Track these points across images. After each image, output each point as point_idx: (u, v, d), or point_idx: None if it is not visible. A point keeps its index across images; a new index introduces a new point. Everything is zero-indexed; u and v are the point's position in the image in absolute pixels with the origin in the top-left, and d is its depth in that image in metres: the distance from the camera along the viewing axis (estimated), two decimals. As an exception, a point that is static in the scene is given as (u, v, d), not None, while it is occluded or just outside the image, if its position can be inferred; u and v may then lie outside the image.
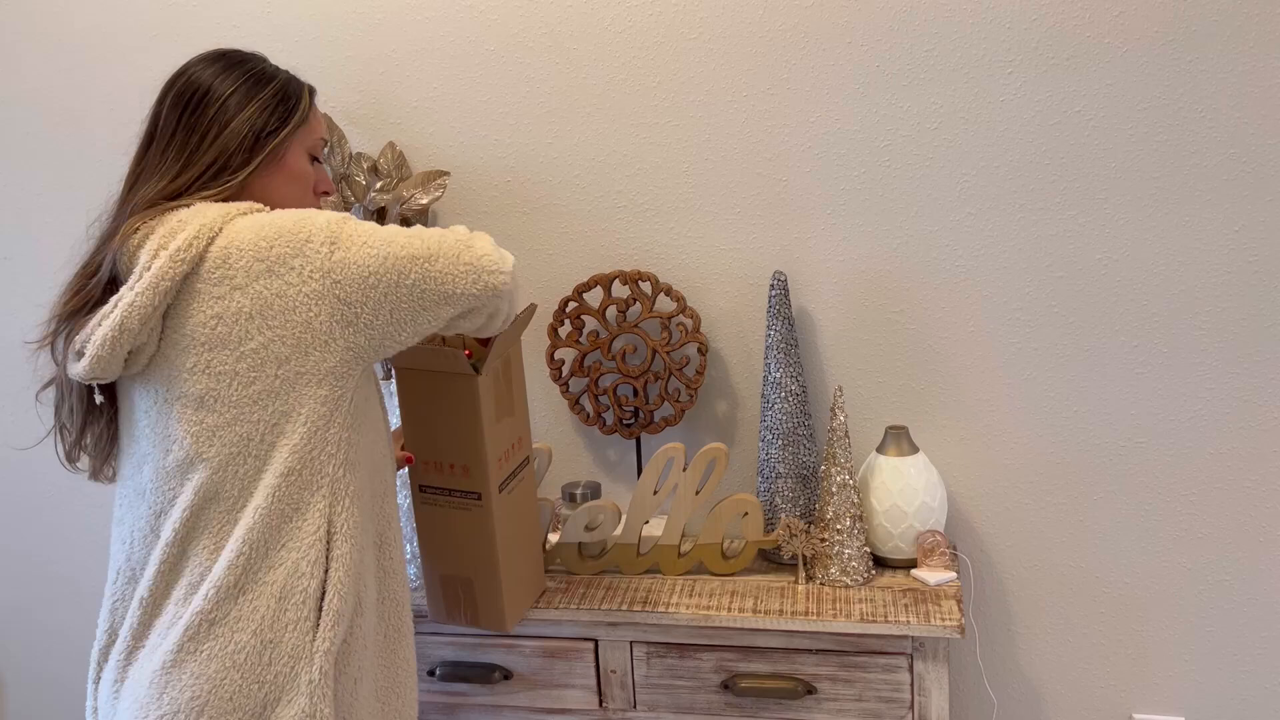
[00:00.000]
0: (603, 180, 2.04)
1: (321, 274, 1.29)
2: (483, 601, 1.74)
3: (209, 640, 1.30)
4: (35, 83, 2.21)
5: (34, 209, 2.26)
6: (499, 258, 1.37)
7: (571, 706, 1.88)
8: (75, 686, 2.52)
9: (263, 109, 1.42)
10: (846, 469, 1.85)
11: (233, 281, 1.29)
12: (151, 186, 1.37)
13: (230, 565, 1.30)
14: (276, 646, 1.30)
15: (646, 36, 1.97)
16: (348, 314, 1.31)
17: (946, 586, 1.84)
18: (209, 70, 1.43)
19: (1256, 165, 1.81)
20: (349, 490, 1.35)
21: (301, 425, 1.31)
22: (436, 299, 1.33)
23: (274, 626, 1.30)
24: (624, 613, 1.82)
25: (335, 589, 1.33)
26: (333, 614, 1.33)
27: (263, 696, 1.30)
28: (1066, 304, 1.92)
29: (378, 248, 1.31)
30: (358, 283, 1.30)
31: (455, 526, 1.70)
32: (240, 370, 1.30)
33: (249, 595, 1.30)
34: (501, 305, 1.40)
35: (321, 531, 1.33)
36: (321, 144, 1.53)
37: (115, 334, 1.28)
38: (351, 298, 1.30)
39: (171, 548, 1.33)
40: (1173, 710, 2.03)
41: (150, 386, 1.34)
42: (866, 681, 1.77)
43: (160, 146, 1.40)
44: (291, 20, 2.08)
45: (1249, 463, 1.91)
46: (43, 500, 2.40)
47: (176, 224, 1.32)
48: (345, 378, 1.33)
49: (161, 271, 1.28)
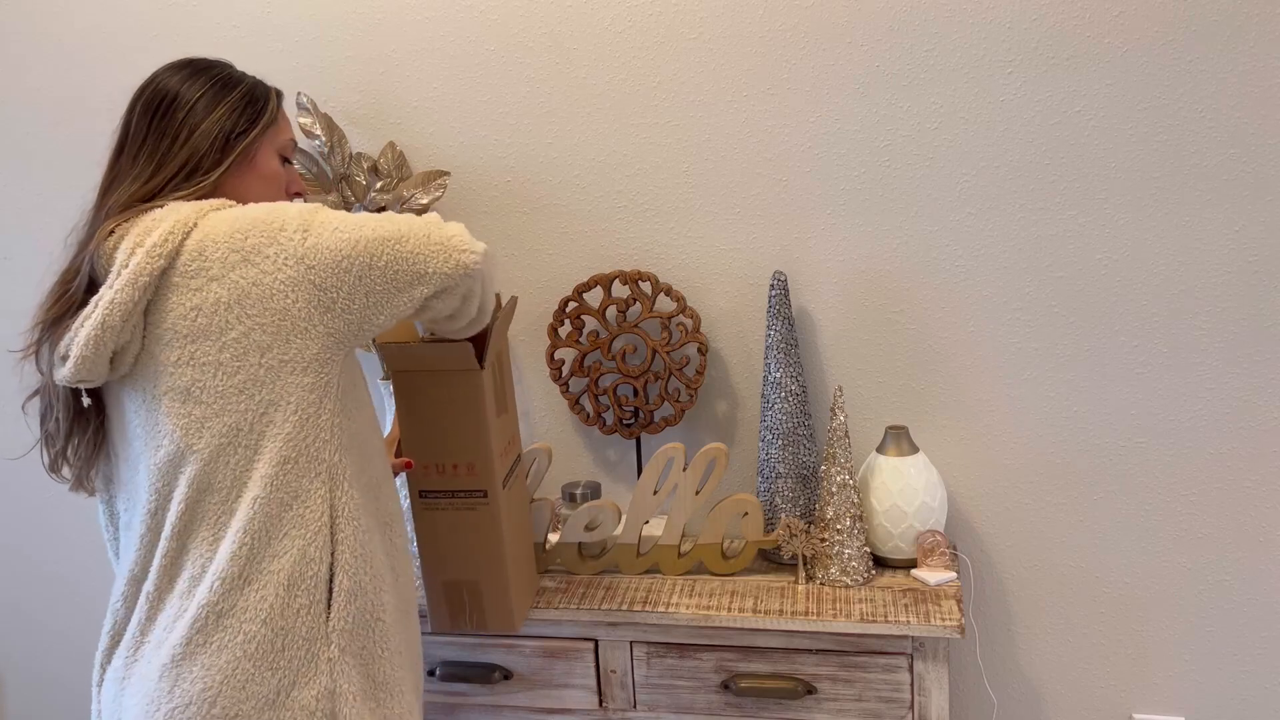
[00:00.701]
0: (603, 180, 2.04)
1: (295, 260, 1.31)
2: (489, 603, 1.74)
3: (218, 632, 1.30)
4: (35, 83, 2.21)
5: (34, 209, 2.26)
6: (469, 239, 1.39)
7: (571, 706, 1.88)
8: (75, 686, 2.52)
9: (231, 110, 1.44)
10: (846, 469, 1.85)
11: (209, 273, 1.31)
12: (125, 190, 1.39)
13: (233, 556, 1.31)
14: (290, 633, 1.32)
15: (646, 36, 1.97)
16: (324, 299, 1.32)
17: (946, 586, 1.84)
18: (176, 77, 1.45)
19: (1256, 165, 1.81)
20: (346, 473, 1.37)
21: (292, 414, 1.32)
22: (409, 279, 1.35)
23: (284, 614, 1.31)
24: (624, 613, 1.82)
25: (344, 570, 1.35)
26: (344, 594, 1.35)
27: (277, 682, 1.31)
28: (1066, 304, 1.92)
29: (349, 232, 1.33)
30: (331, 267, 1.31)
31: (460, 529, 1.70)
32: (224, 360, 1.31)
33: (255, 585, 1.31)
34: (474, 286, 1.41)
35: (325, 517, 1.34)
36: (291, 145, 1.55)
37: (98, 333, 1.29)
38: (326, 282, 1.32)
39: (170, 542, 1.34)
40: (1173, 710, 2.03)
41: (138, 386, 1.35)
42: (866, 681, 1.77)
43: (132, 152, 1.42)
44: (291, 20, 2.08)
45: (1249, 463, 1.91)
46: (43, 500, 2.40)
47: (151, 222, 1.34)
48: (329, 364, 1.35)
49: (139, 268, 1.29)
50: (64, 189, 2.23)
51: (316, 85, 2.03)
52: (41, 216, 2.25)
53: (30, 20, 2.18)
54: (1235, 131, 1.80)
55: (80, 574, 2.41)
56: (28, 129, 2.23)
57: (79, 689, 2.51)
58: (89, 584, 2.43)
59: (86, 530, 2.39)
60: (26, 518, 2.42)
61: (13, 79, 2.22)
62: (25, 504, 2.42)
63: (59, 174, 2.23)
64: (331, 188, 1.99)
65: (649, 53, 1.97)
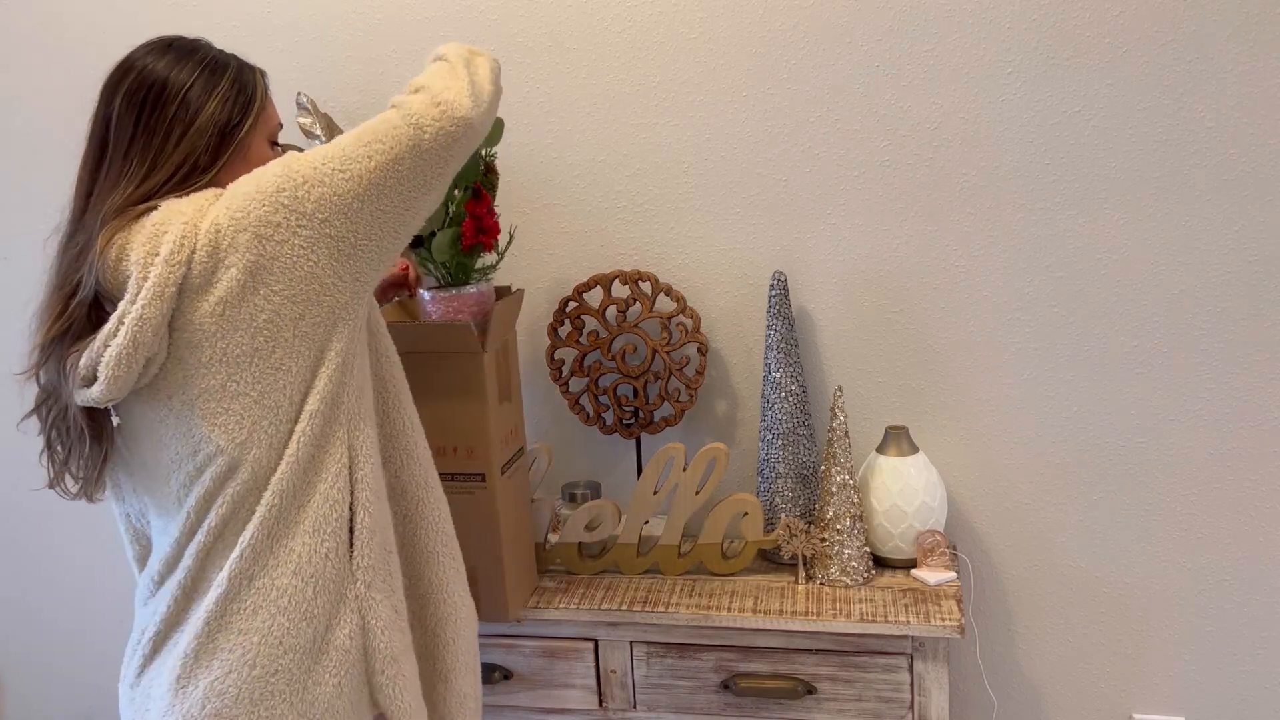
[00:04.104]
0: (603, 180, 2.04)
1: (306, 218, 1.28)
2: (485, 591, 1.75)
3: (250, 595, 1.30)
4: (35, 83, 2.21)
5: (34, 209, 2.26)
6: (451, 95, 1.35)
7: (571, 706, 1.88)
8: (75, 686, 2.52)
9: (223, 103, 1.37)
10: (846, 469, 1.85)
11: (225, 263, 1.27)
12: (118, 195, 1.32)
13: (263, 520, 1.30)
14: (319, 580, 1.32)
15: (646, 36, 1.97)
16: (344, 247, 1.30)
17: (946, 586, 1.84)
18: (161, 63, 1.37)
19: (1256, 165, 1.81)
20: (361, 412, 1.37)
21: (326, 370, 1.31)
22: (421, 186, 1.33)
23: (312, 560, 1.32)
24: (624, 613, 1.82)
25: (364, 508, 1.35)
26: (365, 531, 1.35)
27: (312, 633, 1.32)
28: (1066, 304, 1.92)
29: (348, 168, 1.29)
30: (343, 214, 1.29)
31: (458, 513, 1.71)
32: (258, 345, 1.28)
33: (283, 541, 1.31)
34: (478, 115, 1.37)
35: (345, 459, 1.34)
36: (279, 128, 1.49)
37: (130, 350, 1.25)
38: (341, 231, 1.29)
39: (208, 536, 1.32)
40: (1173, 710, 2.03)
41: (163, 394, 1.31)
42: (866, 681, 1.77)
43: (120, 151, 1.34)
44: (291, 20, 2.08)
45: (1249, 463, 1.91)
46: (44, 500, 2.39)
47: (154, 229, 1.28)
48: (356, 308, 1.34)
49: (162, 279, 1.25)
50: (64, 189, 2.23)
51: (316, 85, 2.03)
52: (42, 217, 2.25)
53: (30, 20, 2.18)
54: (1235, 131, 1.80)
55: (81, 574, 2.41)
56: (28, 129, 2.23)
57: (79, 689, 2.52)
58: (90, 584, 2.43)
59: (88, 530, 2.39)
60: (27, 517, 2.42)
61: (12, 79, 2.22)
62: (26, 503, 2.41)
63: (59, 174, 2.23)
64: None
65: (649, 53, 1.97)
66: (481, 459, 1.68)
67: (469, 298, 1.71)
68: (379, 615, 1.36)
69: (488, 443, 1.67)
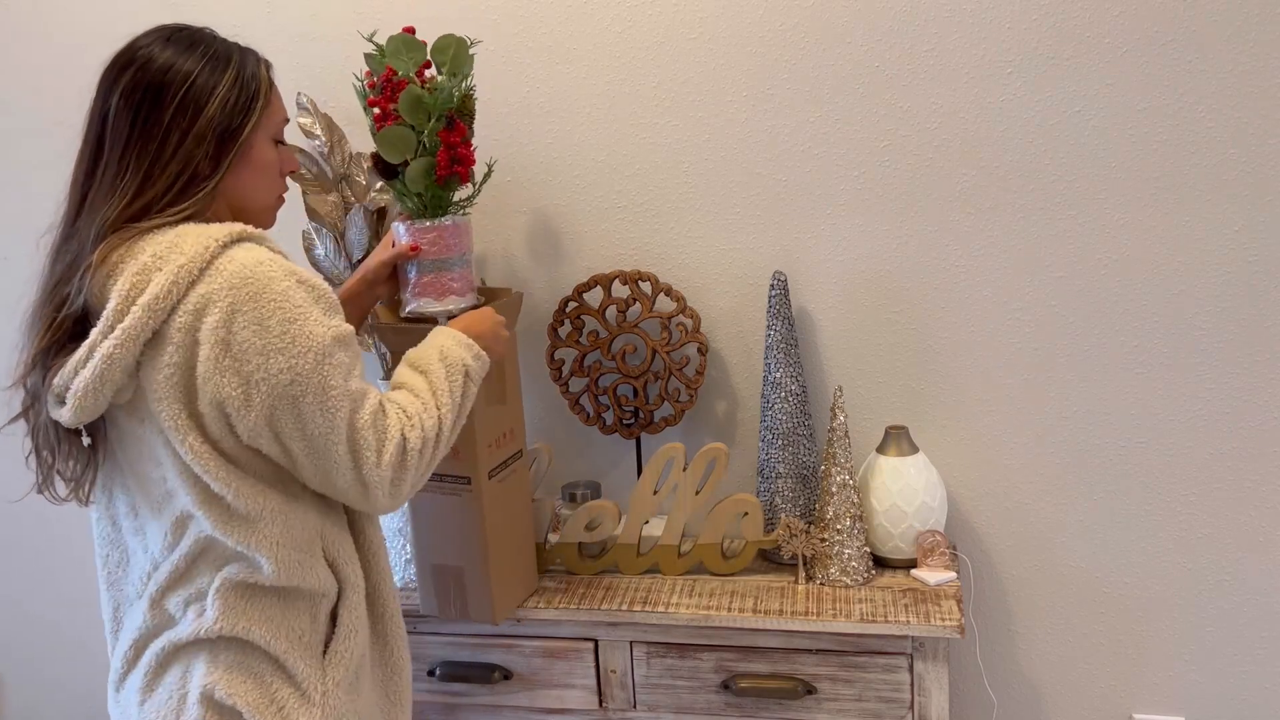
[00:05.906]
0: (603, 180, 2.04)
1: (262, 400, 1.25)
2: (472, 592, 1.76)
3: (221, 613, 1.31)
4: (34, 83, 2.21)
5: (34, 209, 2.26)
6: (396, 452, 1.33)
7: (571, 706, 1.88)
8: (75, 686, 2.52)
9: (224, 104, 1.30)
10: (846, 469, 1.85)
11: (196, 342, 1.23)
12: (112, 207, 1.26)
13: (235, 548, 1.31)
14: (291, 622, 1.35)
15: (646, 36, 1.97)
16: (271, 421, 1.27)
17: (946, 586, 1.84)
18: (161, 58, 1.29)
19: (1256, 165, 1.81)
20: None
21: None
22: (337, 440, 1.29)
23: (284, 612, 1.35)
24: (624, 613, 1.82)
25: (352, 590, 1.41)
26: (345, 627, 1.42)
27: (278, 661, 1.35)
28: (1066, 304, 1.92)
29: (350, 383, 1.29)
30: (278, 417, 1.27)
31: (446, 514, 1.72)
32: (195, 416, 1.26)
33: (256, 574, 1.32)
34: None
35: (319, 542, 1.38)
36: (284, 123, 1.42)
37: (96, 385, 1.23)
38: (276, 417, 1.26)
39: (183, 552, 1.32)
40: (1173, 710, 2.03)
41: (136, 417, 1.29)
42: (866, 681, 1.77)
43: (115, 153, 1.28)
44: (291, 20, 2.08)
45: (1249, 463, 1.91)
46: (45, 502, 2.39)
47: (150, 261, 1.23)
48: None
49: (140, 324, 1.21)
50: (64, 190, 2.23)
51: (316, 85, 2.03)
52: (41, 217, 2.25)
53: (30, 20, 2.18)
54: (1235, 131, 1.80)
55: (81, 574, 2.41)
56: (28, 129, 2.23)
57: (79, 689, 2.52)
58: (90, 584, 2.42)
59: (88, 530, 2.38)
60: (28, 516, 2.42)
61: (11, 79, 2.22)
62: (26, 502, 2.41)
63: (59, 174, 2.23)
64: (332, 188, 1.98)
65: (649, 53, 1.97)
66: (467, 461, 1.67)
67: (445, 229, 1.65)
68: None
69: (473, 444, 1.66)
